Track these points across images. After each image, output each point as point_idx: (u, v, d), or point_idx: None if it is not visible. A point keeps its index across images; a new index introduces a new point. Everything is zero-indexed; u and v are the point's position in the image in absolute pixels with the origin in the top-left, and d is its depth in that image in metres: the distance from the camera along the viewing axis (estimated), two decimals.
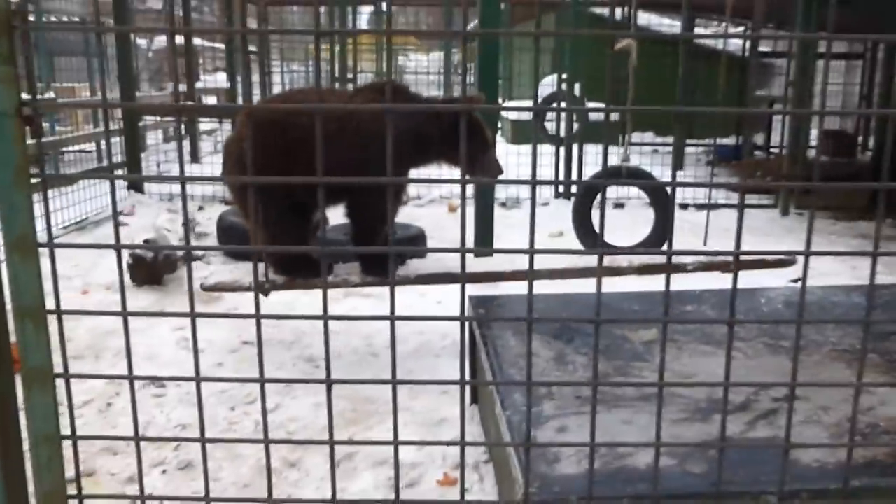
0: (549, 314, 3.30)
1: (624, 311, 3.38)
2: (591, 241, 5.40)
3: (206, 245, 5.71)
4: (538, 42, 1.69)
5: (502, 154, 9.14)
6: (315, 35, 1.36)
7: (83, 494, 1.52)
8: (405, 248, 5.10)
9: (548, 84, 11.44)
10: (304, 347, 4.15)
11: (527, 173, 8.23)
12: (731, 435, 2.22)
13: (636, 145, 11.93)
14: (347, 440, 1.70)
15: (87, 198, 7.14)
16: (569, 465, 2.05)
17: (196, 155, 10.89)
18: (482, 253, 4.90)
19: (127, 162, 8.43)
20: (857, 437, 2.18)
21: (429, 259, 4.65)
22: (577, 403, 2.46)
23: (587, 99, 10.78)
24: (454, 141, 3.52)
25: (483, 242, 5.52)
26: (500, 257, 4.23)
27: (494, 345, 2.97)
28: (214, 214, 6.79)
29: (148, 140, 11.36)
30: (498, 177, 3.81)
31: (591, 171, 8.81)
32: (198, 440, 1.54)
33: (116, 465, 2.91)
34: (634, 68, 5.10)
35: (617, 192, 8.60)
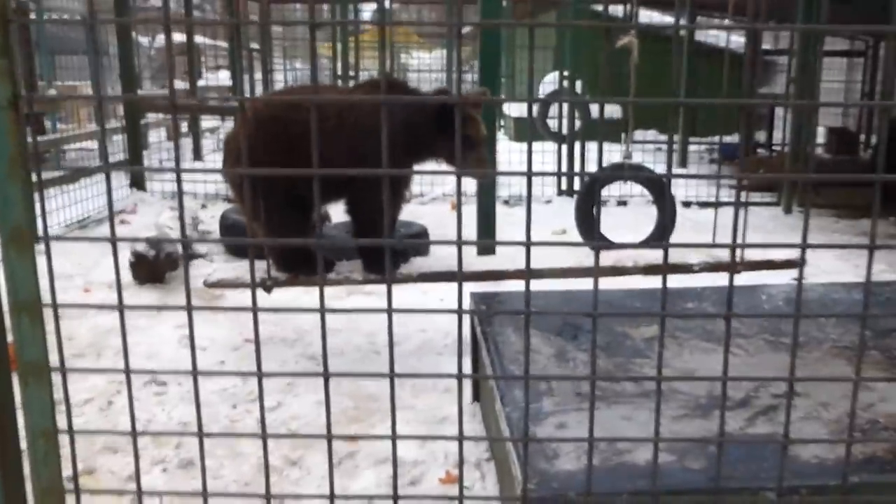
0: (549, 310, 3.30)
1: (626, 307, 3.38)
2: (595, 237, 5.39)
3: (204, 239, 5.71)
4: (532, 33, 1.68)
5: (504, 152, 9.17)
6: (311, 26, 1.36)
7: (80, 489, 1.51)
8: (403, 240, 5.09)
9: (550, 82, 11.43)
10: (306, 346, 4.15)
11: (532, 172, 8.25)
12: (731, 431, 2.21)
13: (638, 143, 11.92)
14: (345, 434, 1.70)
15: (88, 196, 7.14)
16: (568, 462, 2.05)
17: (198, 152, 10.91)
18: (480, 245, 4.90)
19: (129, 159, 8.44)
20: (857, 434, 2.18)
21: (431, 258, 4.65)
22: (576, 400, 2.45)
23: (589, 96, 10.78)
24: (441, 135, 3.54)
25: (485, 240, 5.51)
26: (502, 257, 4.23)
27: (495, 341, 2.96)
28: (217, 213, 6.80)
29: (150, 138, 11.36)
30: (484, 176, 3.81)
31: (594, 168, 8.80)
32: (195, 434, 1.54)
33: (117, 464, 2.91)
34: (636, 65, 5.09)
35: (620, 190, 8.60)
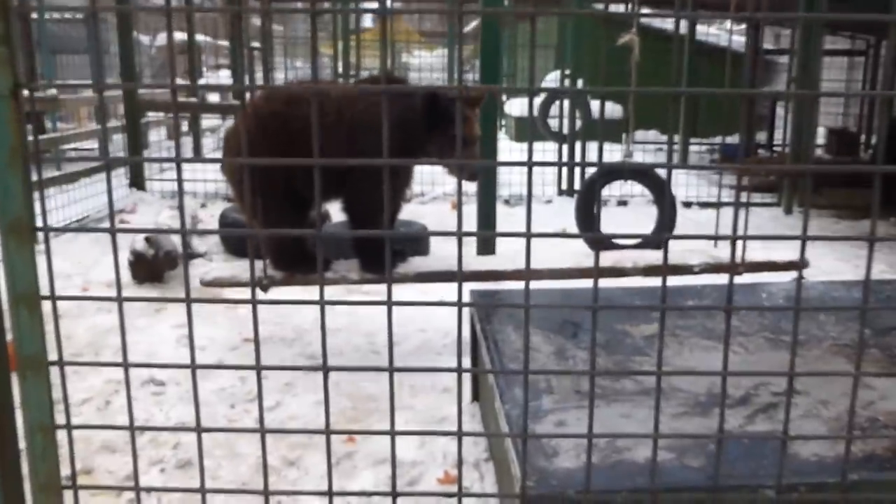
0: (547, 304, 3.30)
1: (626, 304, 3.38)
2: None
3: (204, 230, 5.69)
4: (534, 23, 1.68)
5: (505, 151, 9.16)
6: (311, 14, 1.35)
7: (78, 485, 1.51)
8: (403, 233, 5.08)
9: (551, 80, 11.43)
10: (304, 345, 4.15)
11: (533, 173, 8.27)
12: (731, 429, 2.21)
13: (640, 143, 11.92)
14: (344, 430, 1.70)
15: (88, 196, 7.15)
16: (567, 459, 2.05)
17: (198, 151, 10.90)
18: (479, 239, 4.89)
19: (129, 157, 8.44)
20: (857, 431, 2.17)
21: (431, 257, 4.64)
22: (576, 398, 2.45)
23: (589, 95, 10.78)
24: (430, 133, 3.53)
25: (485, 240, 5.50)
26: (502, 257, 4.23)
27: (495, 339, 2.96)
28: (217, 211, 6.79)
29: (150, 137, 11.36)
30: (471, 177, 3.81)
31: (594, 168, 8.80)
32: (193, 430, 1.53)
33: (114, 463, 2.91)
34: (637, 63, 5.08)
35: (620, 189, 8.59)
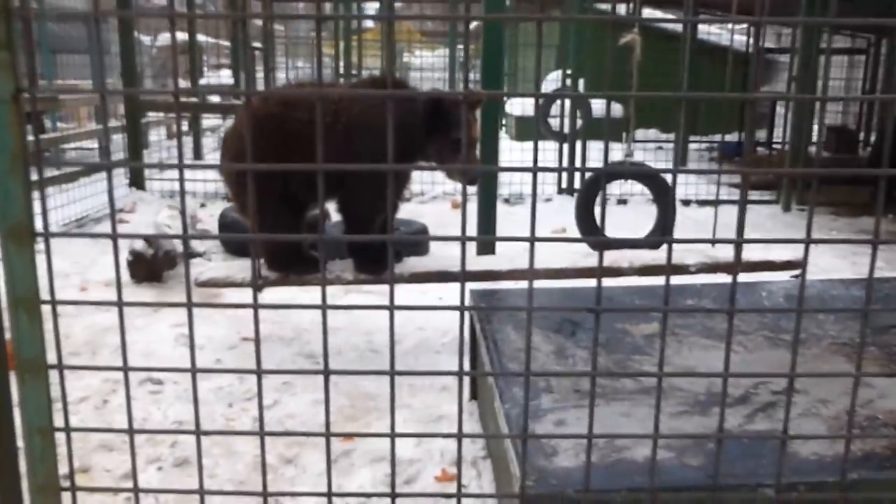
0: (550, 307, 3.30)
1: (625, 304, 3.38)
2: (595, 236, 5.39)
3: (203, 235, 5.71)
4: (540, 27, 1.68)
5: (506, 150, 9.18)
6: (316, 20, 1.35)
7: (76, 487, 1.51)
8: (406, 237, 5.08)
9: (552, 80, 11.43)
10: (303, 344, 4.14)
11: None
12: (730, 428, 2.21)
13: (640, 142, 11.92)
14: (344, 433, 1.69)
15: (87, 195, 7.14)
16: (566, 458, 2.04)
17: (199, 151, 10.91)
18: (481, 242, 4.88)
19: (129, 158, 8.43)
20: (856, 430, 2.17)
21: (430, 257, 4.64)
22: (575, 397, 2.45)
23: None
24: (431, 136, 3.49)
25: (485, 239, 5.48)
26: (502, 257, 4.22)
27: (495, 339, 2.96)
28: (216, 211, 6.79)
29: (151, 137, 11.36)
30: (472, 182, 3.77)
31: (595, 167, 8.80)
32: (192, 433, 1.53)
33: (112, 462, 2.90)
34: (639, 63, 5.08)
35: (620, 188, 8.59)
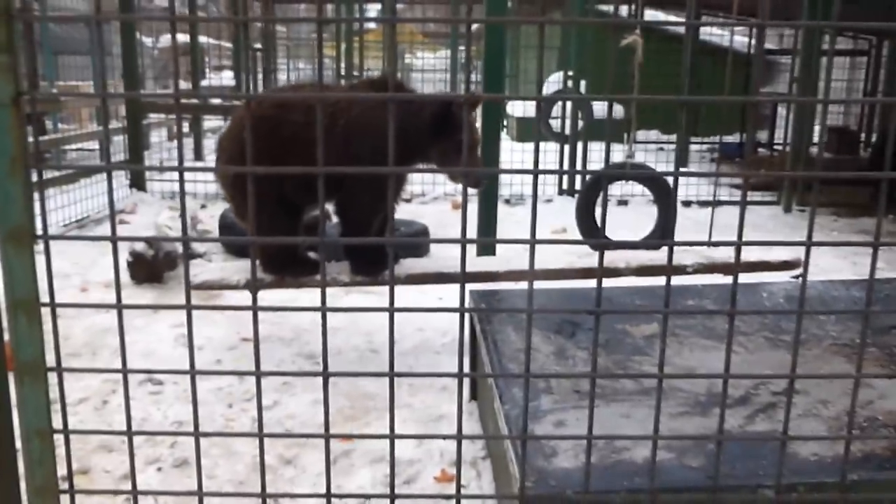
0: (549, 308, 3.29)
1: (625, 305, 3.37)
2: (595, 237, 5.39)
3: (203, 238, 5.70)
4: (543, 30, 1.67)
5: (507, 151, 9.19)
6: (318, 23, 1.35)
7: (75, 489, 1.50)
8: (406, 240, 5.08)
9: (554, 81, 11.42)
10: (303, 344, 4.14)
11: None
12: (730, 428, 2.20)
13: (641, 143, 11.92)
14: (343, 434, 1.69)
15: (88, 196, 7.13)
16: (566, 459, 2.04)
17: (199, 152, 10.91)
18: (481, 244, 4.88)
19: (130, 159, 8.42)
20: (856, 431, 2.17)
21: (430, 258, 4.64)
22: (575, 398, 2.44)
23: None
24: (437, 140, 3.46)
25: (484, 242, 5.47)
26: (501, 258, 4.22)
27: (494, 340, 2.95)
28: (217, 212, 6.79)
29: (152, 138, 11.36)
30: (476, 184, 3.72)
31: (596, 168, 8.80)
32: (191, 434, 1.53)
33: (111, 463, 2.90)
34: (640, 64, 5.08)
35: (621, 189, 8.59)
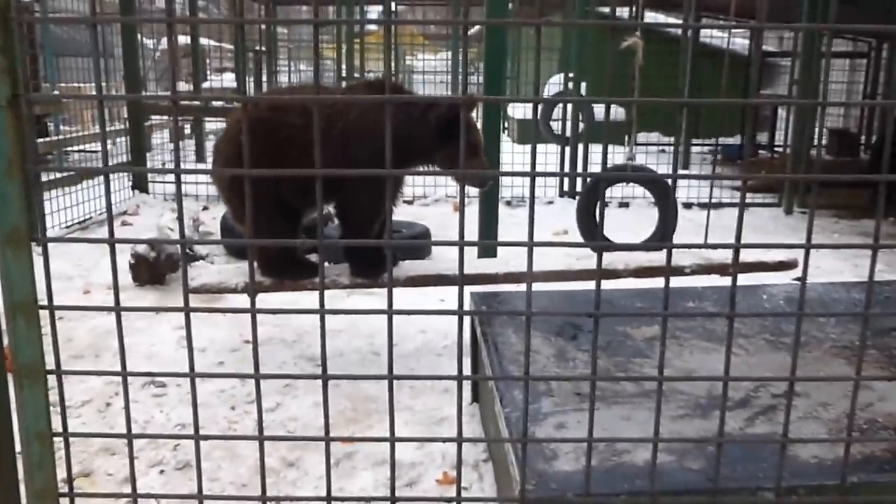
0: (550, 310, 3.29)
1: (626, 307, 3.37)
2: (596, 239, 5.39)
3: (202, 241, 5.71)
4: (539, 32, 1.68)
5: (507, 153, 9.19)
6: (314, 24, 1.35)
7: (74, 493, 1.51)
8: (405, 242, 5.08)
9: (555, 83, 11.43)
10: (305, 346, 4.14)
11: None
12: (731, 431, 2.20)
13: (642, 145, 11.92)
14: (343, 437, 1.69)
15: (91, 197, 7.12)
16: (566, 462, 2.04)
17: (201, 154, 10.92)
18: (482, 246, 4.88)
19: (132, 161, 8.42)
20: (856, 433, 2.17)
21: (431, 260, 4.63)
22: (576, 400, 2.44)
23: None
24: (436, 143, 3.45)
25: (483, 244, 5.48)
26: (502, 260, 4.22)
27: (495, 342, 2.95)
28: (218, 214, 6.78)
29: (154, 140, 11.36)
30: (482, 184, 3.73)
31: (597, 170, 8.80)
32: (191, 437, 1.53)
33: (114, 466, 2.90)
34: (641, 67, 5.08)
35: (622, 191, 8.59)
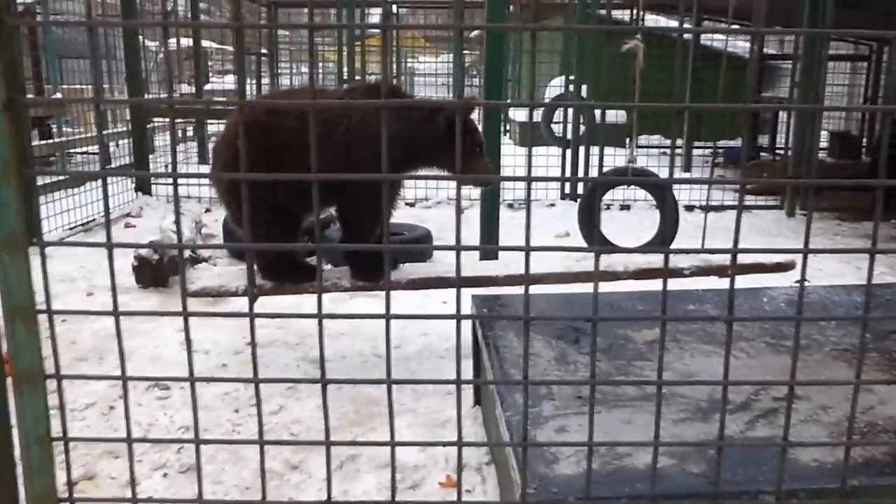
0: (550, 314, 3.29)
1: (627, 310, 3.37)
2: (598, 241, 5.39)
3: (203, 245, 5.72)
4: (534, 37, 1.69)
5: (509, 156, 9.20)
6: (309, 29, 1.36)
7: (74, 497, 1.50)
8: (402, 246, 5.07)
9: (556, 86, 11.43)
10: (308, 349, 4.14)
11: (534, 175, 8.29)
12: (731, 434, 2.20)
13: (643, 147, 11.91)
14: (344, 441, 1.69)
15: (94, 199, 7.13)
16: (567, 466, 2.04)
17: (204, 156, 10.92)
18: (479, 250, 4.88)
19: (135, 163, 8.43)
20: (856, 437, 2.16)
21: (433, 263, 4.63)
22: (577, 403, 2.44)
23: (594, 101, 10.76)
24: (444, 145, 3.44)
25: (488, 243, 5.48)
26: (503, 262, 4.22)
27: (497, 345, 2.95)
28: (221, 216, 6.79)
29: (157, 142, 11.37)
30: (487, 185, 3.73)
31: (598, 173, 8.80)
32: (191, 441, 1.53)
33: (117, 469, 2.91)
34: (641, 70, 5.09)
35: (623, 193, 8.58)
